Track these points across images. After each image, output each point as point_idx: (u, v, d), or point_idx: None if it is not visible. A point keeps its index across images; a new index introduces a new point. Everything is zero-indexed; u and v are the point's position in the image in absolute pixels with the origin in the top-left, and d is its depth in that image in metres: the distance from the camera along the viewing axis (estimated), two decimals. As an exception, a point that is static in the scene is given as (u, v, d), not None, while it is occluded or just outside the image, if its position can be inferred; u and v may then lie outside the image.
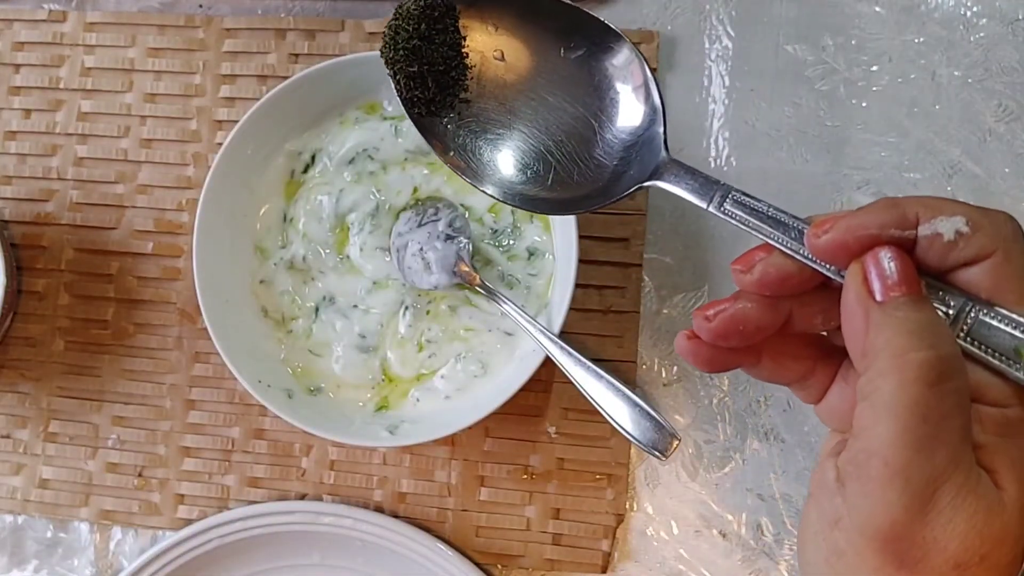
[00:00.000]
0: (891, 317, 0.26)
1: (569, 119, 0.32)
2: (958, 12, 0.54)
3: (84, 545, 0.57)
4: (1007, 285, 0.26)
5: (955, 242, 0.27)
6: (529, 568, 0.54)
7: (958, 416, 0.26)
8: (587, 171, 0.32)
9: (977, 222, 0.27)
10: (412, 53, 0.33)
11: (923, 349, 0.25)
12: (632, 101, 0.32)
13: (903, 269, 0.27)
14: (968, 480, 0.25)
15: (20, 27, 0.59)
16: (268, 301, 0.53)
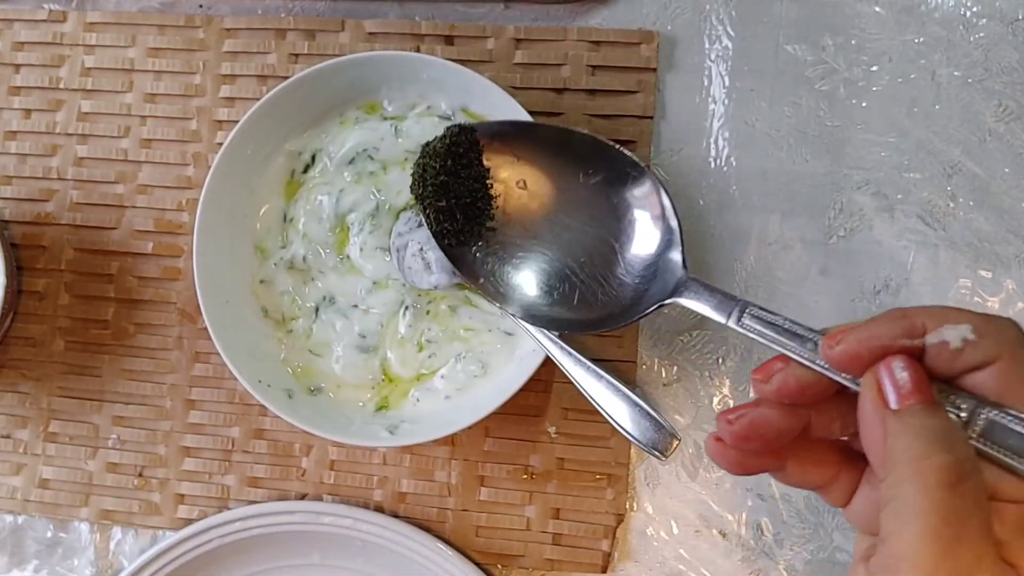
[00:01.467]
0: (907, 424, 0.27)
1: (591, 242, 0.33)
2: (958, 12, 0.54)
3: (84, 545, 0.57)
4: (1015, 387, 0.28)
5: (962, 349, 0.28)
6: (529, 568, 0.54)
7: (978, 515, 0.27)
8: (610, 290, 0.33)
9: (982, 329, 0.28)
10: (440, 188, 0.34)
11: (940, 453, 0.27)
12: (651, 225, 0.33)
13: (915, 377, 0.28)
14: None
15: (20, 27, 0.59)
16: (268, 301, 0.53)
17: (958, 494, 0.26)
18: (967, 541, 0.26)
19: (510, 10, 0.56)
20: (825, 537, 0.53)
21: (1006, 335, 0.28)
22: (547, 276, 0.34)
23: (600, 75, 0.55)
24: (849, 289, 0.53)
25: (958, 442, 0.27)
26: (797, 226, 0.54)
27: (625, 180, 0.34)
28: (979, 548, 0.26)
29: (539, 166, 0.34)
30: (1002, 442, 0.27)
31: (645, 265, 0.33)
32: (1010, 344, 0.28)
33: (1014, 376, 0.28)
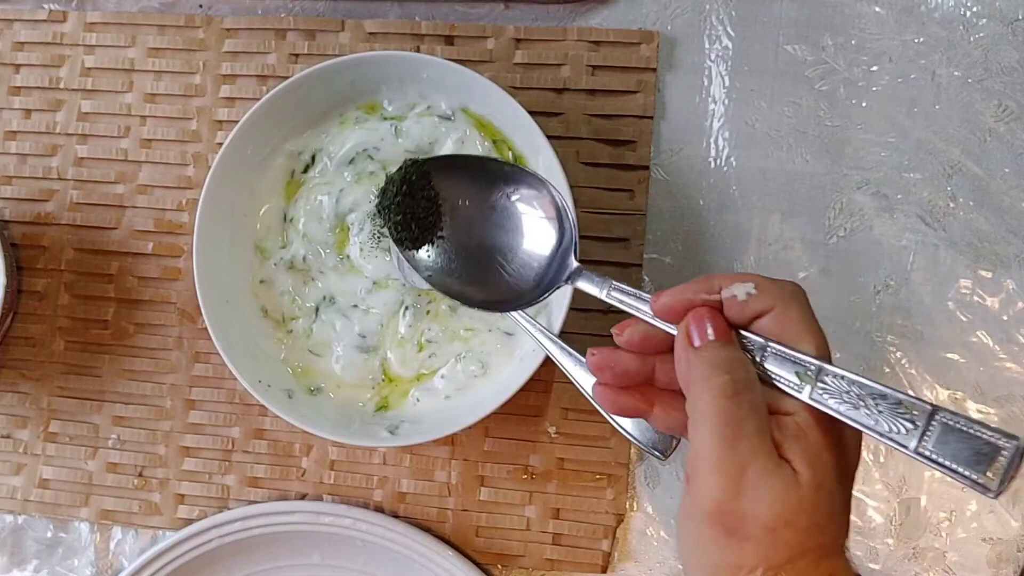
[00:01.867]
0: (701, 356, 0.36)
1: (512, 242, 0.44)
2: (958, 12, 0.54)
3: (84, 545, 0.57)
4: (787, 329, 0.36)
5: (746, 301, 0.36)
6: (529, 568, 0.54)
7: (753, 419, 0.34)
8: (526, 278, 0.44)
9: (762, 286, 0.36)
10: (397, 206, 0.45)
11: (722, 374, 0.35)
12: (551, 227, 0.43)
13: (713, 323, 0.36)
14: (768, 465, 0.33)
15: (20, 27, 0.59)
16: (268, 301, 0.53)
17: (735, 403, 0.34)
18: (744, 438, 0.34)
19: (510, 10, 0.56)
20: (825, 537, 0.53)
21: (782, 290, 0.36)
22: (483, 271, 0.45)
23: (600, 75, 0.55)
24: (849, 289, 0.53)
25: (738, 366, 0.35)
26: (797, 226, 0.54)
27: (534, 193, 0.44)
28: (754, 443, 0.34)
29: (475, 187, 0.45)
30: (776, 370, 0.35)
31: (547, 259, 0.43)
32: (784, 297, 0.36)
33: (787, 320, 0.36)
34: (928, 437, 0.32)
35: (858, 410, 0.33)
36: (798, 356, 0.35)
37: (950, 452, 0.31)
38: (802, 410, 0.35)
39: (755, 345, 0.36)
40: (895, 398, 0.33)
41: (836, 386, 0.34)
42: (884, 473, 0.53)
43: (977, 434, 0.31)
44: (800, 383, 0.35)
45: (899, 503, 0.53)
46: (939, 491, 0.52)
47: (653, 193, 0.54)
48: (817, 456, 0.34)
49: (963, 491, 0.52)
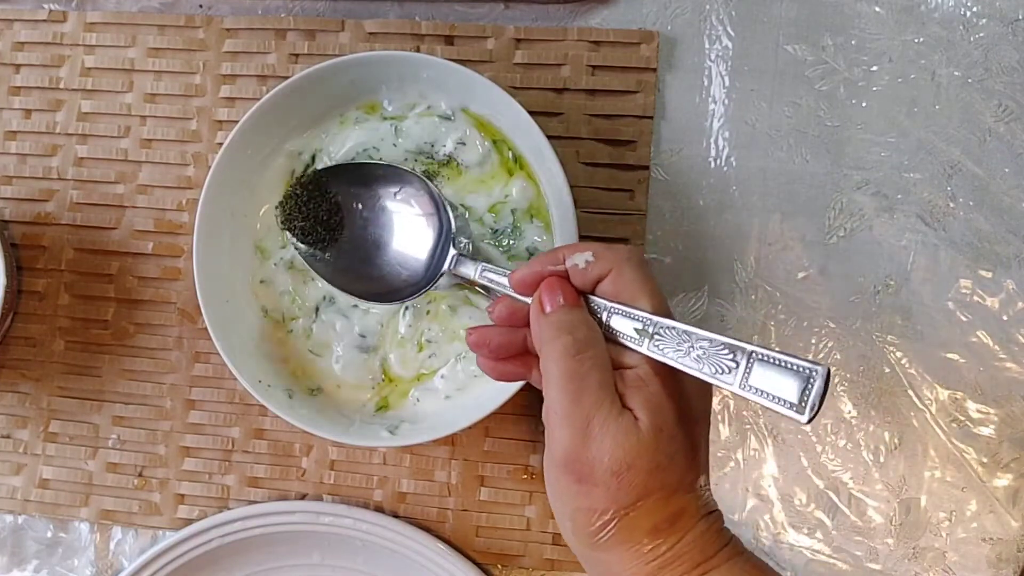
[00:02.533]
0: (549, 321, 0.39)
1: (405, 236, 0.48)
2: (958, 12, 0.54)
3: (84, 545, 0.57)
4: (622, 290, 0.39)
5: (586, 268, 0.40)
6: (529, 568, 0.54)
7: (595, 373, 0.37)
8: (415, 269, 0.48)
9: (599, 253, 0.40)
10: (302, 212, 0.49)
11: (564, 335, 0.38)
12: (433, 221, 0.48)
13: (561, 289, 0.40)
14: (610, 415, 0.37)
15: (20, 27, 0.59)
16: (268, 301, 0.53)
17: (578, 361, 0.37)
18: (587, 392, 0.37)
19: (510, 10, 0.56)
20: (825, 537, 0.53)
21: (617, 255, 0.40)
22: (381, 265, 0.48)
23: (600, 75, 0.55)
24: (849, 289, 0.53)
25: (581, 326, 0.39)
26: (797, 226, 0.54)
27: (416, 192, 0.48)
28: (597, 396, 0.37)
29: (367, 191, 0.49)
30: (620, 328, 0.39)
31: (431, 249, 0.47)
32: (619, 261, 0.39)
33: (622, 281, 0.39)
34: (747, 374, 0.35)
35: (688, 356, 0.36)
36: (635, 312, 0.38)
37: (767, 385, 0.35)
38: (643, 362, 0.38)
39: (601, 307, 0.40)
40: (719, 342, 0.36)
41: (669, 337, 0.37)
42: (884, 473, 0.53)
43: (790, 366, 0.34)
44: (639, 337, 0.38)
45: (899, 503, 0.53)
46: (939, 491, 0.52)
47: (653, 193, 0.54)
48: (657, 403, 0.37)
49: (963, 491, 0.52)
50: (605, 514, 0.37)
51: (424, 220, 0.47)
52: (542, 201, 0.51)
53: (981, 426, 0.52)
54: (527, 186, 0.51)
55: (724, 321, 0.54)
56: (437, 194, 0.47)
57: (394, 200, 0.48)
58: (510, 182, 0.52)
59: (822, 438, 0.53)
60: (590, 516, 0.37)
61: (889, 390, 0.53)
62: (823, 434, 0.53)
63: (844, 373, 0.53)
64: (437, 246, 0.46)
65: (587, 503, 0.37)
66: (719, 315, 0.54)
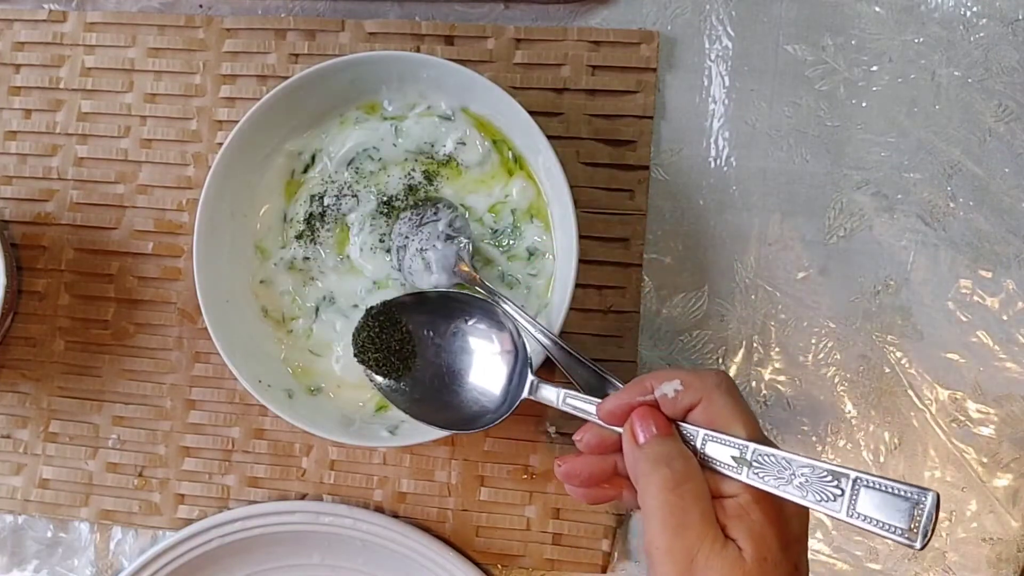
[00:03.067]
0: (644, 453, 0.39)
1: (480, 363, 0.47)
2: (958, 12, 0.54)
3: (84, 545, 0.57)
4: (715, 418, 0.39)
5: (676, 397, 0.40)
6: (529, 568, 0.54)
7: (697, 507, 0.37)
8: (492, 395, 0.47)
9: (687, 381, 0.40)
10: (371, 343, 0.47)
11: (662, 468, 0.38)
12: (510, 348, 0.47)
13: (653, 419, 0.40)
14: (713, 549, 0.36)
15: (20, 27, 0.59)
16: (268, 301, 0.53)
17: (678, 495, 0.37)
18: (690, 526, 0.37)
19: (510, 10, 0.56)
20: (825, 537, 0.53)
21: (706, 382, 0.40)
22: (455, 391, 0.48)
23: (600, 75, 0.55)
24: (849, 289, 0.53)
25: (678, 458, 0.38)
26: (797, 226, 0.54)
27: (491, 319, 0.47)
28: (699, 530, 0.37)
29: (438, 319, 0.48)
30: (716, 456, 0.38)
31: (508, 375, 0.46)
32: (708, 389, 0.39)
33: (713, 409, 0.39)
34: (854, 501, 0.35)
35: (790, 484, 0.36)
36: (732, 440, 0.38)
37: (876, 512, 0.34)
38: (743, 491, 0.38)
39: (694, 434, 0.39)
40: (822, 469, 0.36)
41: (769, 464, 0.37)
42: (884, 473, 0.53)
43: (897, 493, 0.34)
44: (737, 465, 0.38)
45: (899, 503, 0.53)
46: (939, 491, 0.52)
47: (653, 193, 0.54)
48: (760, 533, 0.37)
49: (963, 491, 0.52)
50: None
51: (498, 346, 0.47)
52: (542, 201, 0.51)
53: (981, 426, 0.52)
54: (527, 186, 0.51)
55: (724, 321, 0.54)
56: (510, 319, 0.46)
57: (467, 326, 0.47)
58: (510, 182, 0.52)
59: (822, 438, 0.53)
60: None
61: (889, 390, 0.53)
62: (823, 434, 0.53)
63: (844, 373, 0.53)
64: (514, 371, 0.45)
65: None
66: (719, 315, 0.54)
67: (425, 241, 0.51)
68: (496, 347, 0.47)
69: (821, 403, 0.53)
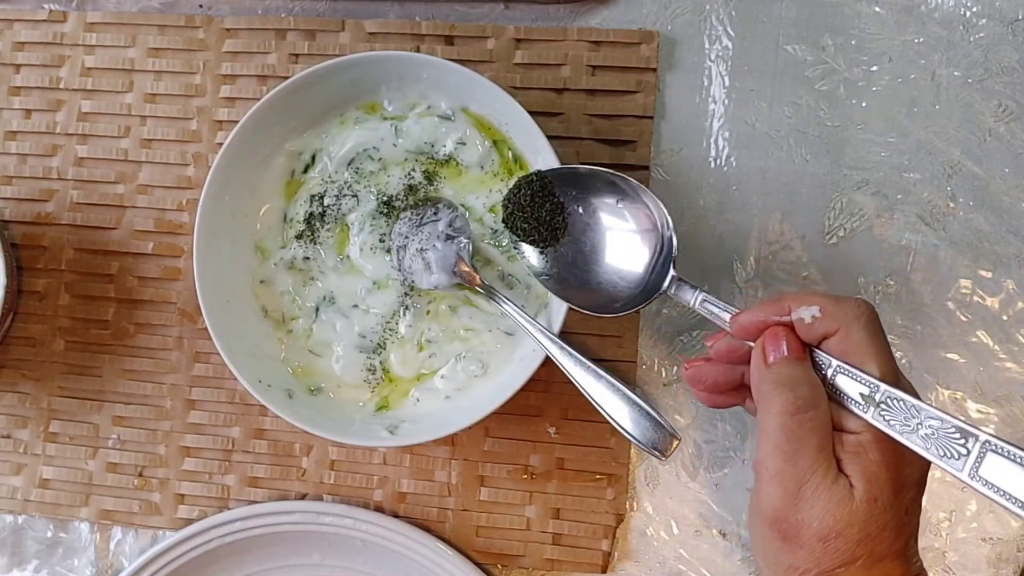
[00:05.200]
0: (770, 373, 0.39)
1: (620, 247, 0.46)
2: (958, 12, 0.54)
3: (84, 545, 0.57)
4: (850, 350, 0.38)
5: (812, 324, 0.38)
6: (529, 568, 0.54)
7: (814, 436, 0.37)
8: (631, 283, 0.46)
9: (827, 309, 0.38)
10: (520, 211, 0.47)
11: (785, 392, 0.37)
12: (653, 236, 0.45)
13: (787, 340, 0.39)
14: (825, 480, 0.36)
15: (20, 27, 0.59)
16: (268, 301, 0.53)
17: (797, 421, 0.37)
18: (804, 455, 0.36)
19: (510, 10, 0.56)
20: (825, 537, 0.53)
21: (846, 312, 0.38)
22: (595, 272, 0.47)
23: (600, 75, 0.55)
24: (849, 289, 0.53)
25: (803, 384, 0.38)
26: (797, 226, 0.54)
27: (638, 203, 0.46)
28: (813, 460, 0.36)
29: (590, 197, 0.47)
30: (845, 390, 0.37)
31: (648, 265, 0.45)
32: (847, 319, 0.38)
33: (849, 343, 0.38)
34: (978, 464, 0.33)
35: (915, 433, 0.35)
36: (863, 376, 0.37)
37: (1000, 480, 0.33)
38: (865, 429, 0.37)
39: (826, 363, 0.38)
40: (951, 424, 0.34)
41: (897, 408, 0.36)
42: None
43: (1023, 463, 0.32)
44: (864, 403, 0.37)
45: (899, 503, 0.53)
46: (939, 491, 0.52)
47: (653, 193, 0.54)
48: (875, 473, 0.36)
49: (963, 491, 0.52)
50: (807, 574, 0.37)
51: (642, 235, 0.46)
52: (542, 201, 0.51)
53: (981, 426, 0.52)
54: (527, 186, 0.51)
55: (724, 321, 0.54)
56: (659, 210, 0.45)
57: (615, 208, 0.46)
58: (510, 182, 0.52)
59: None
60: (791, 572, 0.37)
61: (889, 390, 0.53)
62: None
63: (844, 373, 0.53)
64: (655, 263, 0.45)
65: (789, 560, 0.37)
66: (719, 315, 0.54)
67: (425, 241, 0.51)
68: (639, 236, 0.46)
69: (821, 403, 0.53)
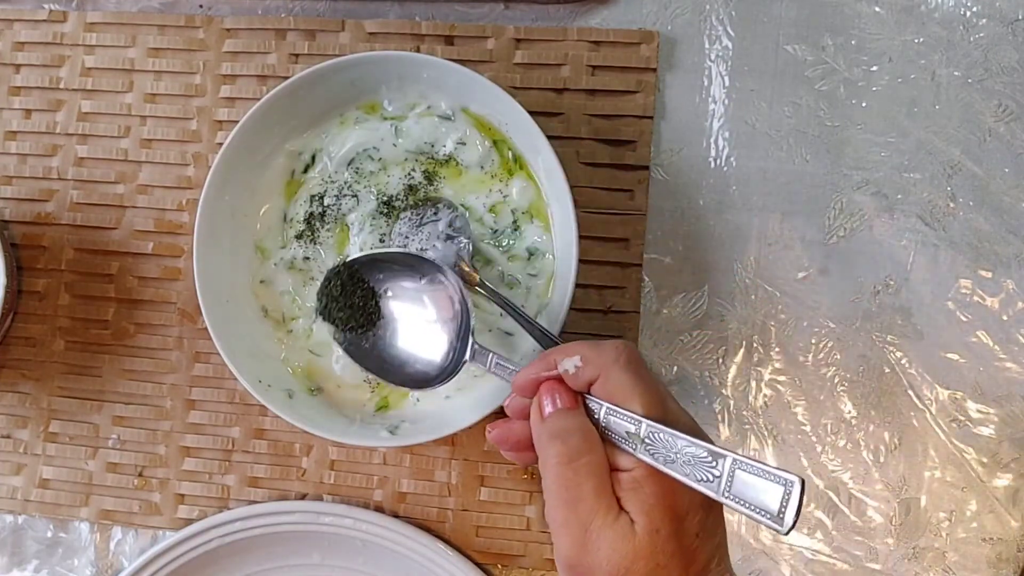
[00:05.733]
0: (544, 427, 0.40)
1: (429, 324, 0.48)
2: (958, 12, 0.54)
3: (84, 545, 0.57)
4: (615, 393, 0.39)
5: (576, 373, 0.40)
6: (529, 568, 0.54)
7: (590, 481, 0.38)
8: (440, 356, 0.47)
9: (587, 357, 0.40)
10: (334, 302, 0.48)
11: (557, 443, 0.39)
12: (456, 310, 0.47)
13: (558, 392, 0.40)
14: (607, 520, 0.37)
15: (20, 27, 0.59)
16: (268, 301, 0.53)
17: (572, 469, 0.38)
18: (583, 500, 0.37)
19: (510, 10, 0.56)
20: (825, 537, 0.53)
21: (604, 357, 0.40)
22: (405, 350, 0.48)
23: (600, 75, 0.55)
24: (849, 289, 0.53)
25: (573, 433, 0.39)
26: (797, 226, 0.54)
27: (440, 282, 0.47)
28: (592, 503, 0.37)
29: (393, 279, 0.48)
30: (614, 430, 0.39)
31: (453, 339, 0.47)
32: (607, 364, 0.39)
33: (611, 385, 0.39)
34: (730, 483, 0.36)
35: (676, 462, 0.37)
36: (628, 415, 0.38)
37: (748, 495, 0.35)
38: (637, 464, 0.38)
39: (598, 407, 0.40)
40: (704, 448, 0.36)
41: (659, 441, 0.37)
42: (884, 473, 0.53)
43: (769, 477, 0.35)
44: (632, 440, 0.38)
45: (899, 503, 0.53)
46: (939, 491, 0.52)
47: (653, 193, 0.54)
48: (652, 505, 0.37)
49: (963, 491, 0.52)
50: None
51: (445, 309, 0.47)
52: (542, 201, 0.51)
53: (981, 426, 0.52)
54: (527, 186, 0.51)
55: (724, 321, 0.54)
56: (456, 283, 0.46)
57: (418, 288, 0.48)
58: (510, 182, 0.52)
59: (822, 438, 0.53)
60: None
61: (889, 390, 0.53)
62: (823, 434, 0.53)
63: (844, 373, 0.53)
64: (459, 334, 0.46)
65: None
66: (719, 315, 0.54)
67: (425, 241, 0.51)
68: (443, 309, 0.47)
69: (821, 403, 0.53)
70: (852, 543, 0.53)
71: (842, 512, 0.53)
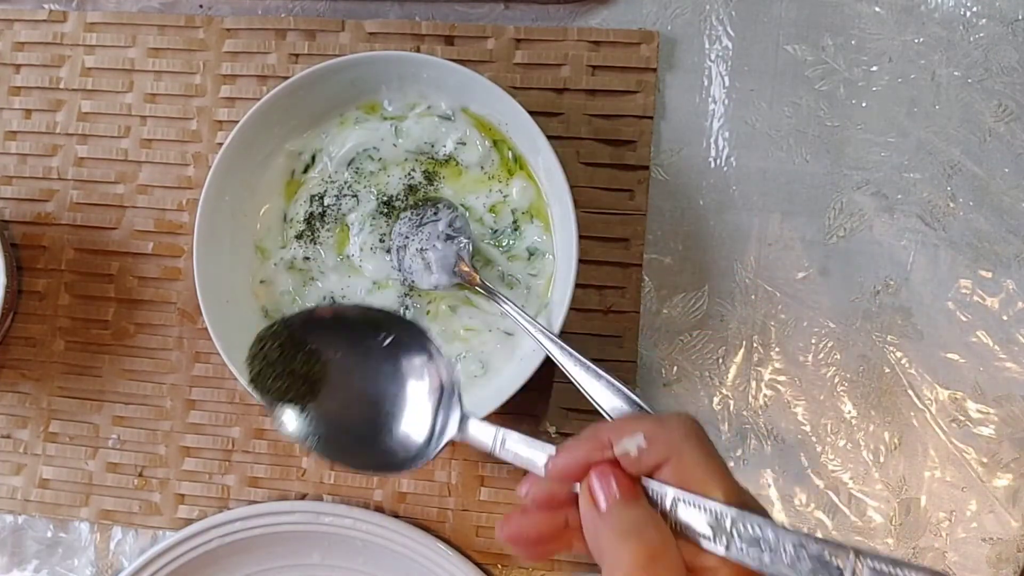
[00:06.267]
0: (607, 522, 0.33)
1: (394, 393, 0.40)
2: (958, 12, 0.54)
3: (84, 545, 0.57)
4: (689, 478, 0.33)
5: (639, 456, 0.34)
6: (529, 568, 0.54)
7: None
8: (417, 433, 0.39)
9: (652, 435, 0.34)
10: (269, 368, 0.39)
11: (632, 542, 0.32)
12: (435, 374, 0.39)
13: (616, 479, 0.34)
14: None
15: (20, 27, 0.59)
16: (268, 301, 0.53)
17: (651, 573, 0.32)
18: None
19: (510, 10, 0.56)
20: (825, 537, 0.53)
21: (673, 435, 0.34)
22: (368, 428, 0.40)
23: (600, 75, 0.55)
24: (849, 289, 0.53)
25: (647, 528, 0.33)
26: (797, 226, 0.54)
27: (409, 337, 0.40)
28: None
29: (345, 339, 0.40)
30: (688, 520, 0.33)
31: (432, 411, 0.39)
32: (677, 443, 0.34)
33: (685, 468, 0.33)
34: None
35: (779, 562, 0.31)
36: (707, 504, 0.33)
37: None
38: (722, 565, 0.33)
39: (662, 493, 0.34)
40: (816, 546, 0.31)
41: (752, 534, 0.31)
42: (884, 473, 0.53)
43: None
44: (715, 535, 0.32)
45: (899, 503, 0.53)
46: (939, 491, 0.52)
47: (653, 193, 0.54)
48: None
49: (963, 491, 0.52)
50: None
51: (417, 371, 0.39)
52: (542, 201, 0.51)
53: (981, 426, 0.52)
54: (527, 186, 0.51)
55: (724, 321, 0.54)
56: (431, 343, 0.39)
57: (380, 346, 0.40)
58: (510, 182, 0.52)
59: (822, 438, 0.53)
60: None
61: (889, 390, 0.53)
62: (823, 434, 0.53)
63: (844, 373, 0.53)
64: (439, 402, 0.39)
65: None
66: (719, 315, 0.54)
67: (425, 241, 0.51)
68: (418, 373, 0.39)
69: (821, 403, 0.53)
70: (853, 543, 0.53)
71: (842, 512, 0.53)
